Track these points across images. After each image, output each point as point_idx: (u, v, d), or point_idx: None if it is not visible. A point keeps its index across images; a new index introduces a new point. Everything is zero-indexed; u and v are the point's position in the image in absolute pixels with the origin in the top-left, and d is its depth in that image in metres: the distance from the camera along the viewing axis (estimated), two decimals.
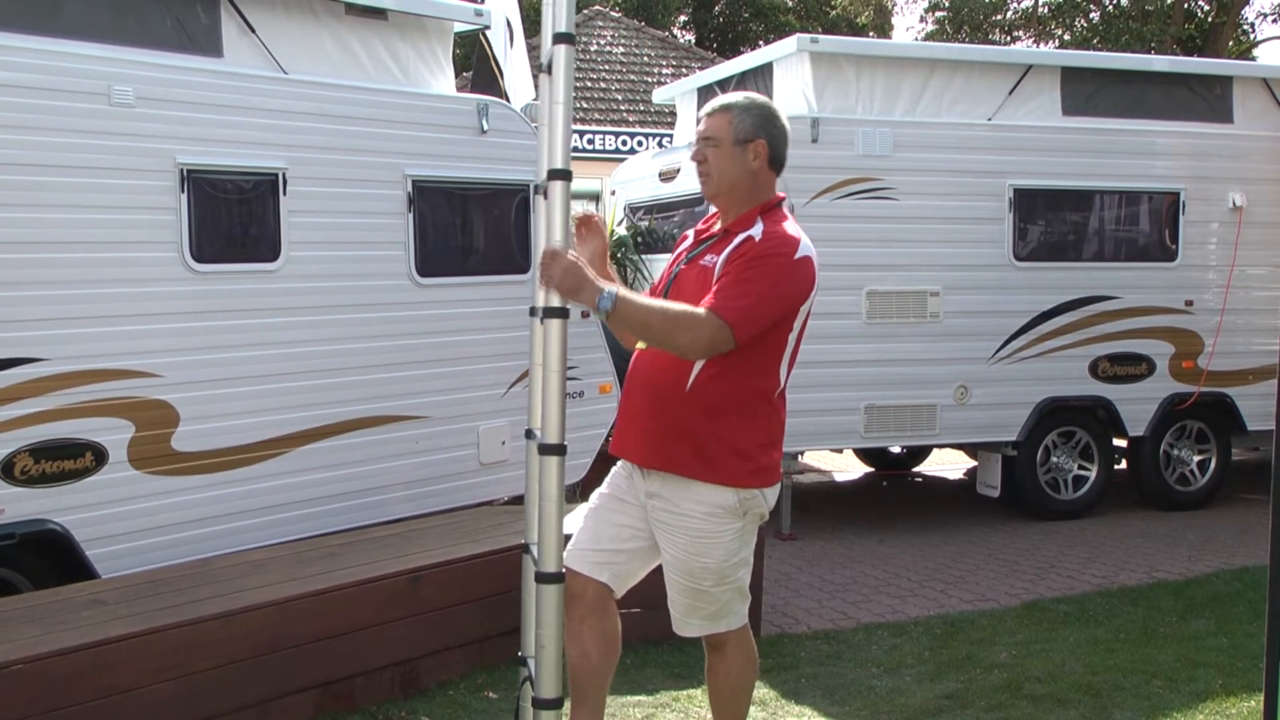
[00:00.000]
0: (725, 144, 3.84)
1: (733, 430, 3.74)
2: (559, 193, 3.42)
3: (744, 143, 3.83)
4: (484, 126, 7.76)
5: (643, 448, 3.85)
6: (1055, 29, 30.21)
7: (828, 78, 9.20)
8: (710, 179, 3.88)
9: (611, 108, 22.13)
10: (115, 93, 6.11)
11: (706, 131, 3.87)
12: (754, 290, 3.62)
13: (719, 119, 3.87)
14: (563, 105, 3.44)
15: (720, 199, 3.89)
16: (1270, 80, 10.44)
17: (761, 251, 3.69)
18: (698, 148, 3.89)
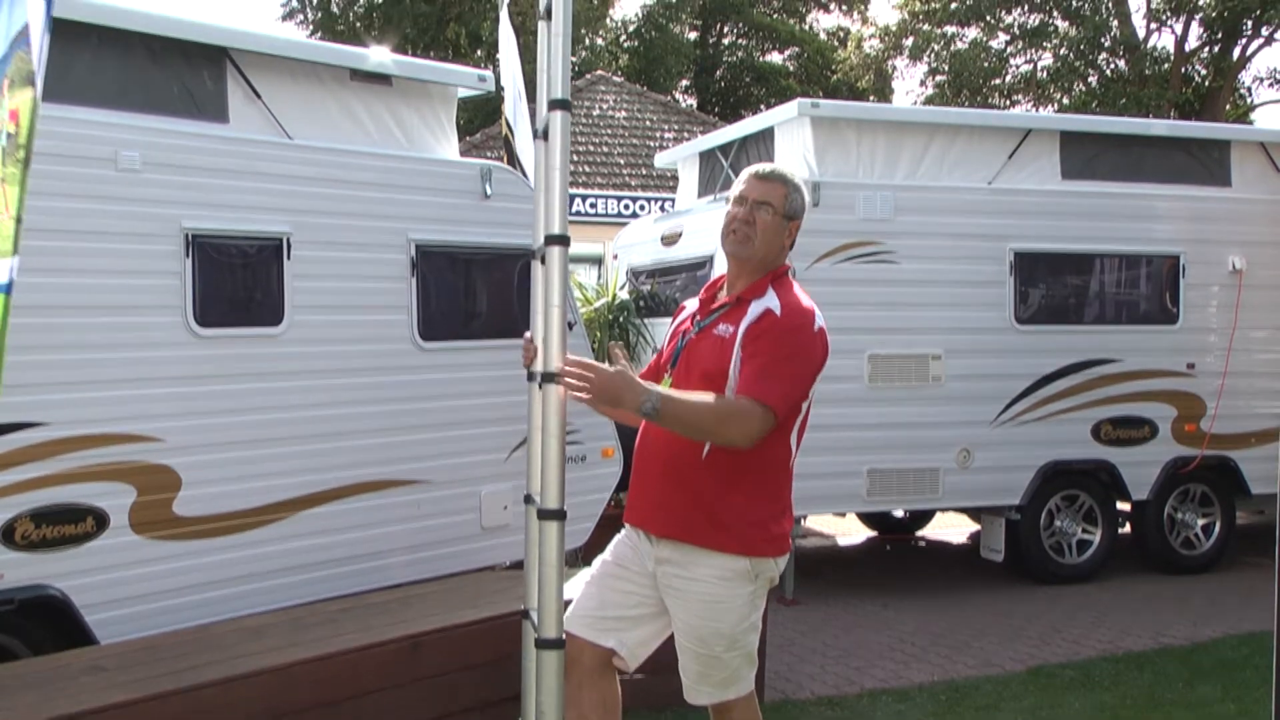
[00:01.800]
0: (776, 213, 3.89)
1: (748, 499, 3.76)
2: (556, 258, 3.44)
3: (789, 218, 3.90)
4: (487, 191, 7.81)
5: (659, 517, 3.85)
6: (1054, 93, 30.41)
7: (829, 142, 9.26)
8: (751, 243, 3.89)
9: (614, 172, 22.27)
10: (122, 158, 6.15)
11: (764, 196, 3.89)
12: (788, 371, 3.69)
13: (776, 187, 3.90)
14: (559, 171, 3.47)
15: (748, 264, 3.91)
16: (1268, 144, 10.51)
17: (786, 328, 3.73)
18: (748, 209, 3.89)
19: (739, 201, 3.93)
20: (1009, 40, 30.54)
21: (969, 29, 30.67)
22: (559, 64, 3.53)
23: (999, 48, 30.56)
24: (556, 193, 3.46)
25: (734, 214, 3.91)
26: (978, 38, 30.51)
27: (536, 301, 3.59)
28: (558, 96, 3.47)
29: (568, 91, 3.49)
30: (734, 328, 3.80)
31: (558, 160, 3.46)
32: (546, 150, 3.54)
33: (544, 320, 3.52)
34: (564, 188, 3.47)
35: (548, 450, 3.39)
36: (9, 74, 2.53)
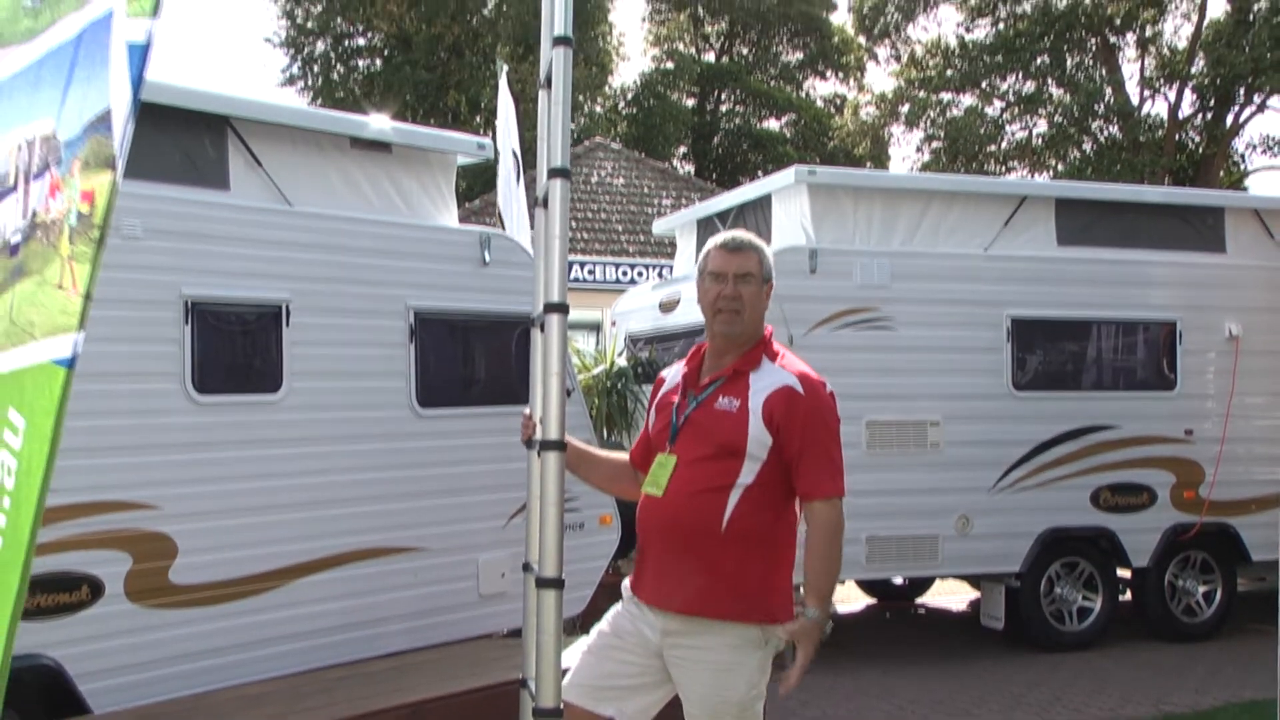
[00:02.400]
0: (758, 281, 3.92)
1: (766, 565, 3.78)
2: (556, 326, 3.46)
3: (766, 281, 3.94)
4: (486, 258, 7.84)
5: (677, 593, 3.83)
6: (1049, 159, 30.63)
7: (826, 209, 9.31)
8: (740, 316, 3.92)
9: (612, 238, 22.37)
10: (123, 225, 6.18)
11: (743, 268, 3.92)
12: (837, 452, 3.84)
13: (750, 257, 3.94)
14: (559, 239, 3.49)
15: (743, 336, 3.93)
16: (1262, 211, 10.57)
17: (817, 408, 3.84)
18: (731, 285, 3.91)
19: (717, 278, 3.94)
20: (1004, 107, 30.81)
21: (964, 96, 30.95)
22: (559, 132, 3.56)
23: (994, 114, 30.82)
24: (556, 260, 3.49)
25: (718, 291, 3.93)
26: (973, 104, 30.77)
27: (536, 369, 3.61)
28: (557, 165, 3.50)
29: (568, 160, 3.53)
30: (740, 400, 3.82)
31: (557, 228, 3.49)
32: (546, 218, 3.57)
33: (543, 388, 3.53)
34: (564, 255, 3.50)
35: (546, 518, 3.40)
36: (83, 155, 2.58)
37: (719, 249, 3.98)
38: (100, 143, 2.56)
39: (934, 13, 31.44)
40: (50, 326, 2.61)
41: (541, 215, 3.64)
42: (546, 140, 3.58)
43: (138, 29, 2.55)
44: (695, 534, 3.78)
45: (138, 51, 2.55)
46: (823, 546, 3.74)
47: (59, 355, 2.58)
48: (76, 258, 2.57)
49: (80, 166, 2.60)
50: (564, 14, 3.67)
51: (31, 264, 2.70)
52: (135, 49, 2.55)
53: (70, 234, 2.59)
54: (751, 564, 3.76)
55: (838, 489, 3.77)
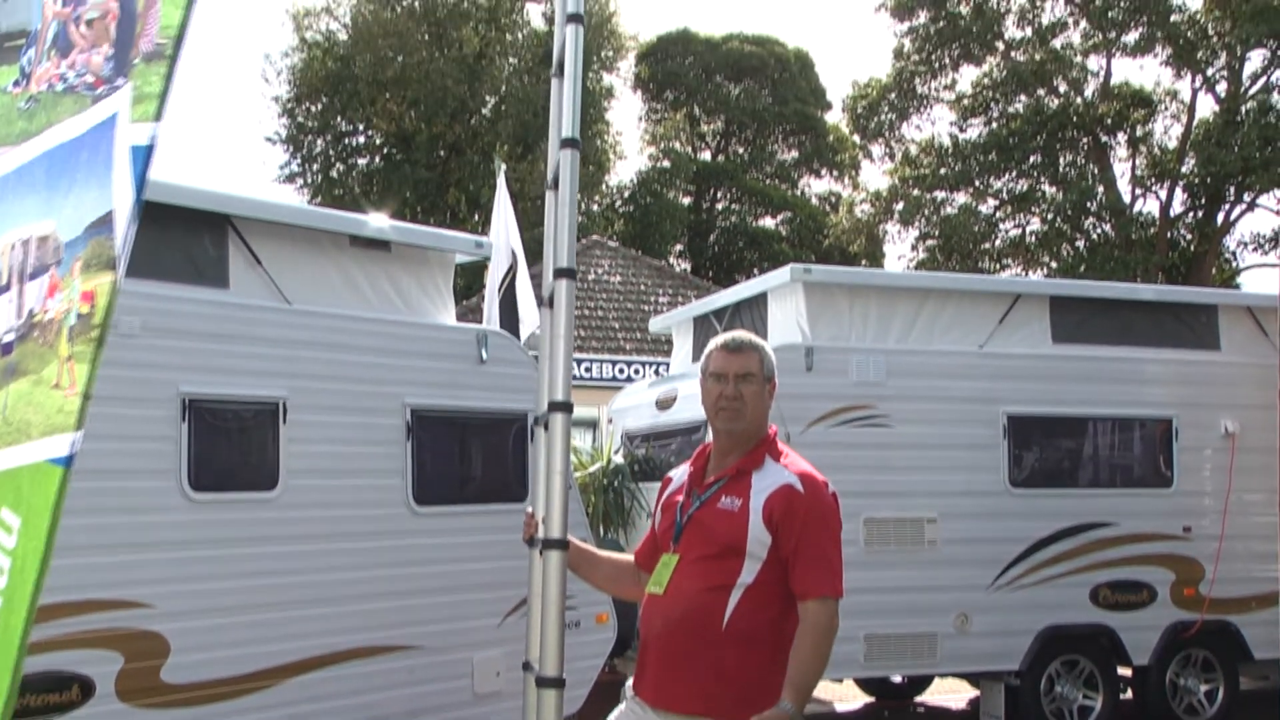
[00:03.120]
0: (759, 381, 3.93)
1: (767, 665, 3.75)
2: (560, 425, 3.46)
3: (768, 380, 3.94)
4: (483, 356, 7.87)
5: (679, 694, 3.79)
6: (1043, 257, 30.82)
7: (821, 307, 9.36)
8: (742, 416, 3.92)
9: (609, 336, 22.44)
10: (121, 323, 6.19)
11: (744, 368, 3.93)
12: (836, 551, 3.79)
13: (751, 357, 3.95)
14: (564, 339, 3.51)
15: (745, 435, 3.93)
16: (1255, 308, 10.62)
17: (816, 507, 3.81)
18: (732, 386, 3.92)
19: (719, 379, 3.95)
20: (998, 205, 31.05)
21: (958, 194, 31.21)
22: (565, 233, 3.60)
23: (988, 212, 31.06)
24: (561, 359, 3.51)
25: (719, 392, 3.94)
26: (967, 203, 31.03)
27: (538, 467, 3.60)
28: (564, 265, 3.53)
29: (573, 260, 3.56)
30: (742, 500, 3.81)
31: (562, 327, 3.51)
32: (552, 317, 3.59)
33: (545, 486, 3.52)
34: (568, 355, 3.52)
35: (548, 617, 3.38)
36: (84, 256, 2.62)
37: (720, 349, 4.00)
38: (102, 244, 2.59)
39: (927, 112, 31.76)
40: (47, 426, 2.62)
41: (547, 315, 3.66)
42: (553, 240, 3.61)
43: (141, 133, 2.59)
44: (696, 633, 3.76)
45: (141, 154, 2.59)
46: (810, 645, 3.68)
47: (56, 454, 2.60)
48: (75, 357, 2.59)
49: (81, 267, 2.63)
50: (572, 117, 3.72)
51: (27, 363, 2.71)
52: (139, 151, 2.59)
53: (69, 334, 2.61)
54: (752, 664, 3.73)
55: (834, 589, 3.73)
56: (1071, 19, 29.84)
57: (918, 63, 30.99)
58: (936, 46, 30.60)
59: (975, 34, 29.84)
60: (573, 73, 3.79)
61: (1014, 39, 30.34)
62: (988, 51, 30.46)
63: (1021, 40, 30.26)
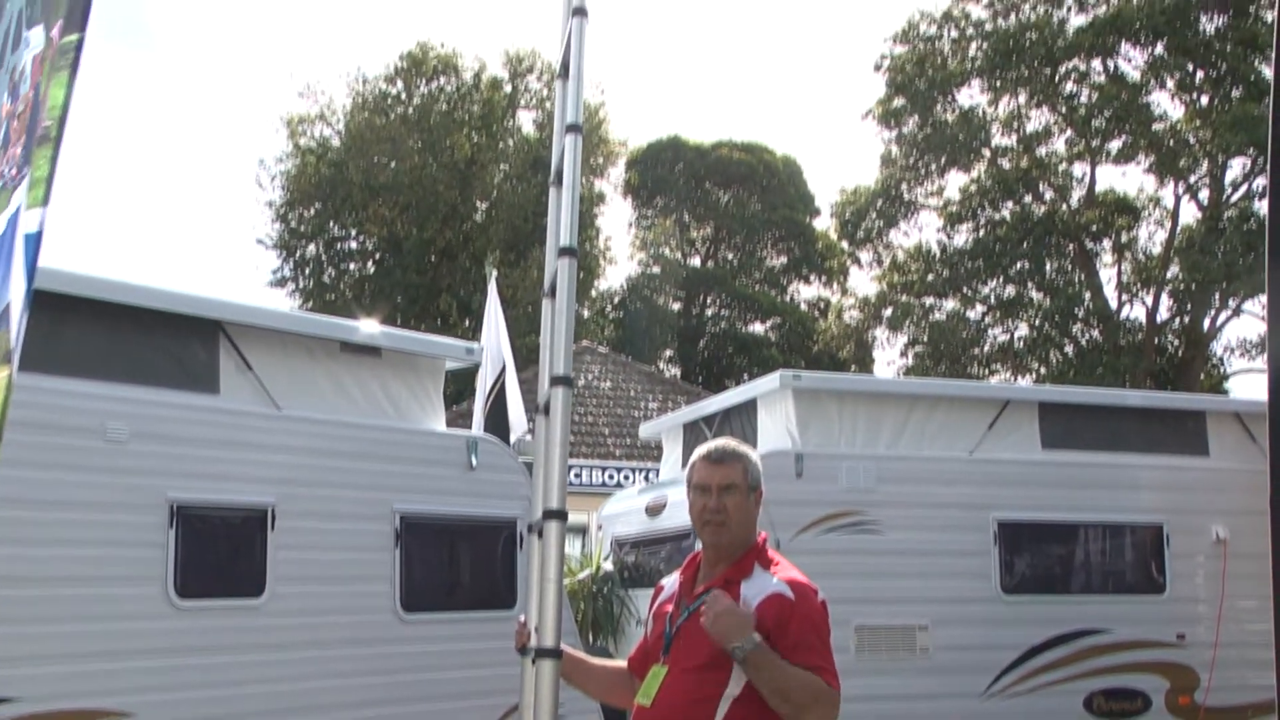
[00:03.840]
0: (743, 491, 3.89)
1: None
2: (554, 532, 3.45)
3: (754, 489, 3.91)
4: (473, 462, 7.85)
5: None
6: (1031, 362, 30.94)
7: (811, 413, 9.37)
8: (727, 528, 3.88)
9: (598, 442, 22.41)
10: (110, 429, 6.20)
11: (727, 479, 3.88)
12: (826, 657, 3.70)
13: (735, 468, 3.91)
14: (559, 446, 3.50)
15: (733, 545, 3.90)
16: (1243, 414, 10.65)
17: (809, 613, 3.74)
18: (715, 498, 3.89)
19: (702, 490, 3.92)
20: (986, 311, 31.24)
21: (946, 300, 31.41)
22: (561, 341, 3.61)
23: (976, 318, 31.24)
24: (556, 467, 3.50)
25: (703, 504, 3.90)
26: (955, 308, 31.22)
27: (531, 574, 3.58)
28: (560, 373, 3.53)
29: (570, 368, 3.56)
30: None
31: (558, 435, 3.51)
32: (547, 425, 3.59)
33: (539, 594, 3.50)
34: (564, 462, 3.51)
35: None
36: None
37: (703, 460, 3.97)
38: None
39: (915, 218, 32.10)
40: None
41: (543, 422, 3.66)
42: (549, 348, 3.62)
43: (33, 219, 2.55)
44: None
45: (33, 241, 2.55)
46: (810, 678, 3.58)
47: None
48: None
49: None
50: (569, 225, 3.75)
51: None
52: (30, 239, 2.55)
53: None
54: None
55: (836, 684, 3.66)
56: (1056, 127, 30.28)
57: (905, 169, 31.37)
58: (923, 153, 30.98)
59: (961, 141, 30.24)
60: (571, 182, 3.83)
61: (1000, 146, 30.76)
62: (974, 158, 30.85)
63: (1007, 148, 30.68)
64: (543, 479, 3.54)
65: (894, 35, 30.80)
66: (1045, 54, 28.63)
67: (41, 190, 2.54)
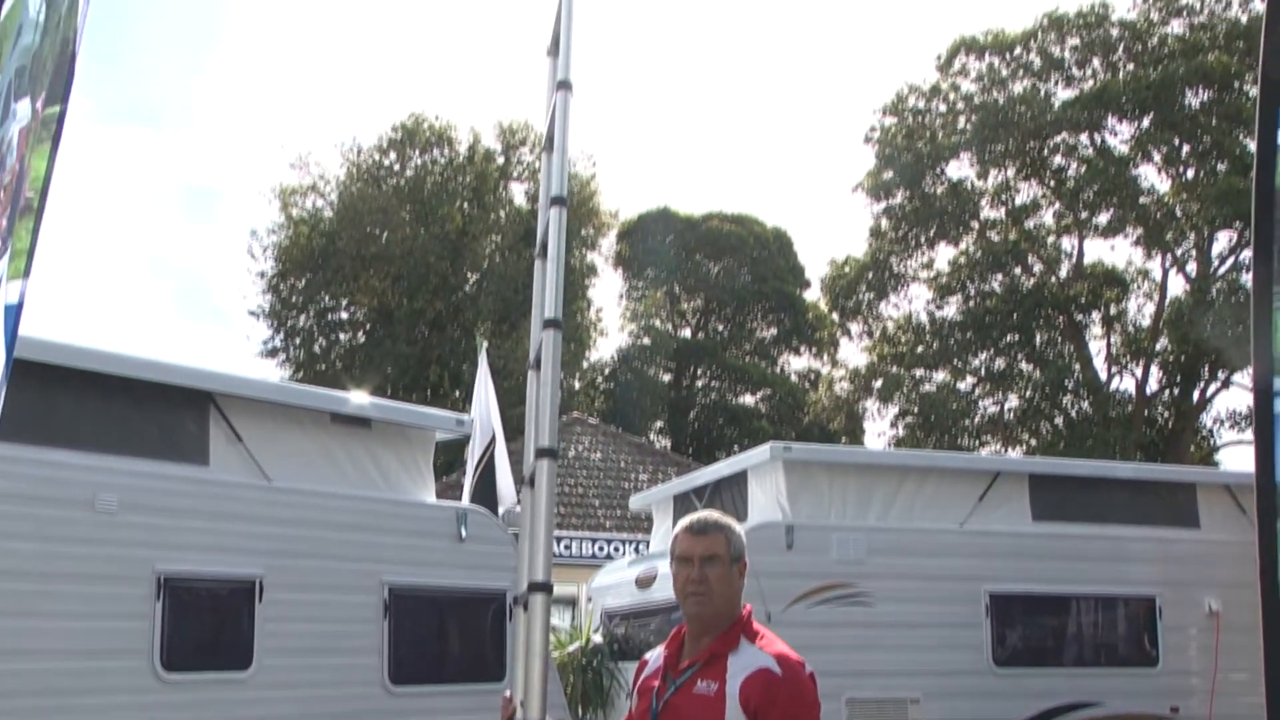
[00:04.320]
0: (725, 562, 3.85)
1: None
2: (539, 605, 3.43)
3: (737, 561, 3.87)
4: (462, 534, 7.84)
5: None
6: (1022, 434, 30.98)
7: (802, 484, 9.37)
8: (709, 599, 3.83)
9: (589, 513, 22.34)
10: (99, 500, 6.19)
11: (708, 550, 3.84)
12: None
13: (716, 539, 3.87)
14: (544, 518, 3.50)
15: (717, 618, 3.87)
16: (1233, 487, 10.65)
17: (795, 690, 3.69)
18: (697, 570, 3.86)
19: (684, 562, 3.88)
20: (976, 382, 31.33)
21: (937, 372, 31.50)
22: (547, 413, 3.61)
23: (966, 389, 31.31)
24: (541, 539, 3.49)
25: (685, 576, 3.86)
26: (946, 380, 31.30)
27: (517, 648, 3.55)
28: (545, 444, 3.54)
29: (555, 440, 3.56)
30: (717, 684, 3.73)
31: (543, 508, 3.50)
32: (533, 497, 3.59)
33: (524, 667, 3.47)
34: (549, 534, 3.50)
35: None
36: None
37: (684, 532, 3.94)
38: None
39: (905, 290, 32.27)
40: None
41: (528, 494, 3.66)
42: (534, 420, 3.62)
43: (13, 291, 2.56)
44: None
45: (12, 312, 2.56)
46: None
47: None
48: None
49: None
50: (554, 297, 3.77)
51: None
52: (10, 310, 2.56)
53: None
54: None
55: None
56: (1044, 200, 30.53)
57: (894, 241, 31.56)
58: (913, 226, 31.20)
59: (950, 214, 30.47)
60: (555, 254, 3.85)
61: (988, 219, 30.98)
62: (963, 231, 31.06)
63: (996, 220, 30.90)
64: (528, 551, 3.54)
65: (883, 108, 31.17)
66: (1033, 128, 28.92)
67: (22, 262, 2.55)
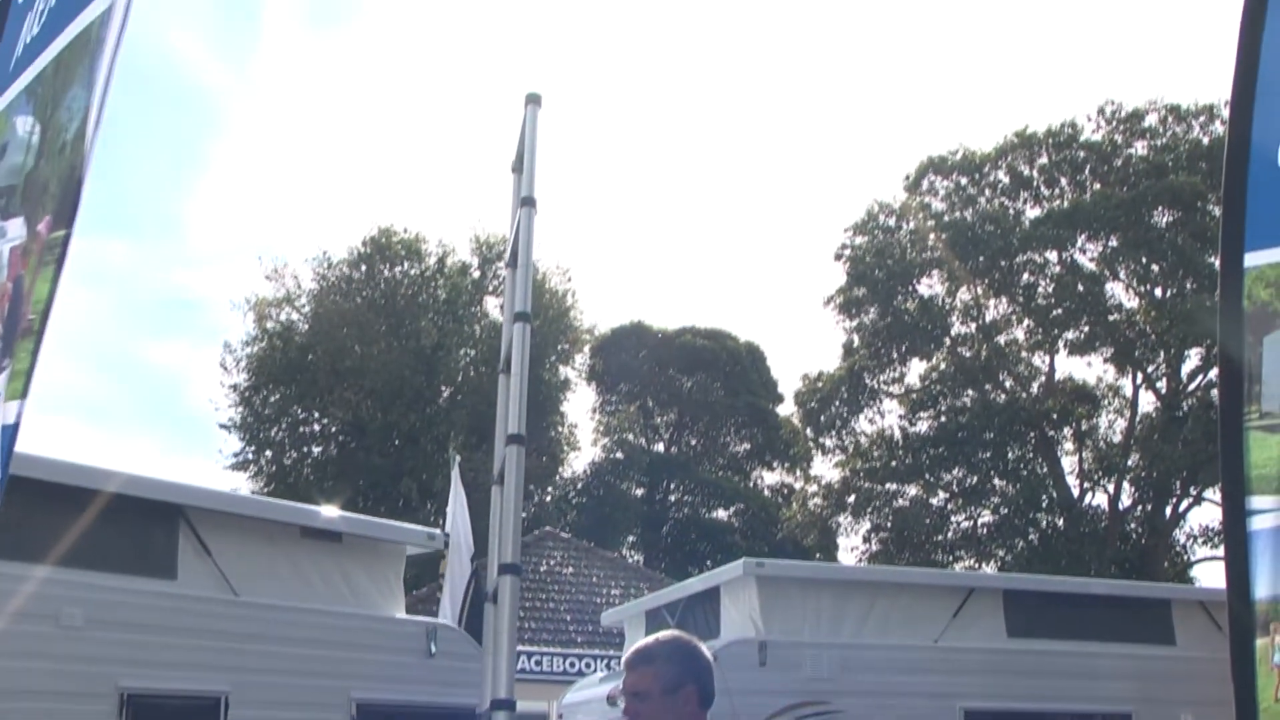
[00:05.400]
0: (655, 696, 3.73)
1: None
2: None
3: (673, 692, 3.73)
4: (432, 649, 7.75)
5: None
6: (995, 549, 30.93)
7: (774, 600, 9.31)
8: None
9: (560, 628, 22.14)
10: (64, 614, 6.10)
11: (634, 686, 3.71)
12: None
13: (644, 673, 3.72)
14: (506, 634, 3.48)
15: None
16: (1208, 604, 10.63)
17: None
18: (628, 704, 3.77)
19: (625, 696, 3.79)
20: (949, 498, 31.32)
21: (910, 487, 31.49)
22: (509, 528, 3.61)
23: (939, 505, 31.30)
24: (505, 656, 3.47)
25: (622, 709, 3.77)
26: (918, 495, 31.29)
27: None
28: (508, 561, 3.53)
29: (518, 556, 3.56)
30: None
31: (506, 624, 3.49)
32: (496, 613, 3.56)
33: None
34: (512, 650, 3.48)
35: None
36: None
37: (624, 662, 3.86)
38: None
39: (877, 405, 32.35)
40: None
41: (490, 610, 3.63)
42: (498, 535, 3.62)
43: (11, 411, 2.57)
44: None
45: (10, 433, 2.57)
46: None
47: None
48: None
49: None
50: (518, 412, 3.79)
51: None
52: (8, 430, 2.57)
53: None
54: None
55: None
56: (1015, 317, 30.81)
57: (866, 357, 31.72)
58: (885, 341, 31.39)
59: (922, 329, 30.70)
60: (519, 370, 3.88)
61: (960, 334, 31.22)
62: (935, 346, 31.28)
63: (967, 336, 31.14)
64: (491, 668, 3.50)
65: (854, 226, 31.50)
66: (1002, 245, 29.27)
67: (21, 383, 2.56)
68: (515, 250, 4.19)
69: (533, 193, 4.07)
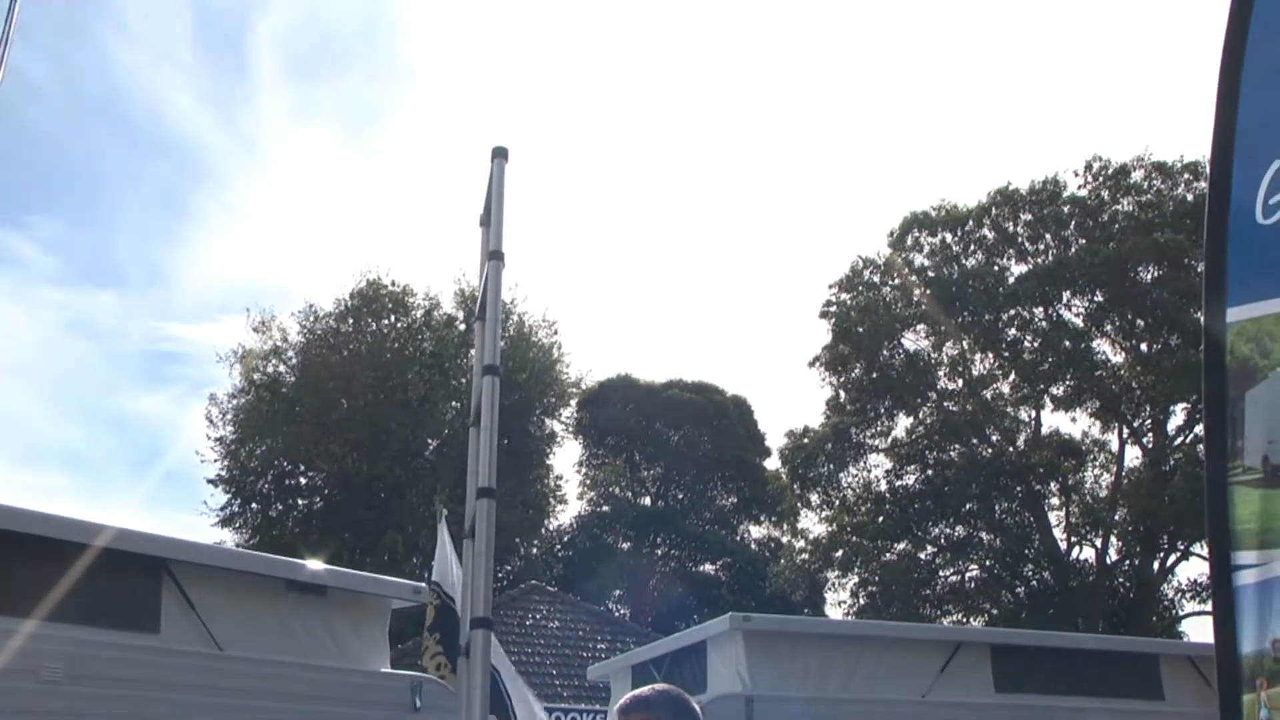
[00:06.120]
0: None
1: None
2: None
3: None
4: (417, 703, 7.70)
5: None
6: (983, 603, 30.84)
7: (761, 655, 9.27)
8: None
9: (546, 683, 21.97)
10: (45, 669, 6.05)
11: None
12: None
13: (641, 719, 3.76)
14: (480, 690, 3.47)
15: None
16: (1195, 658, 10.61)
17: None
18: None
19: None
20: (936, 552, 31.26)
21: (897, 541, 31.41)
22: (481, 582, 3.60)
23: (927, 559, 31.23)
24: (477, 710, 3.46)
25: None
26: (906, 549, 31.22)
27: None
28: (480, 614, 3.52)
29: (489, 610, 3.54)
30: None
31: (479, 678, 3.48)
32: (469, 668, 3.56)
33: None
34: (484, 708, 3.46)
35: None
36: None
37: (620, 709, 3.85)
38: None
39: (863, 460, 32.32)
40: None
41: (463, 665, 3.63)
42: (470, 589, 3.61)
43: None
44: None
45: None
46: None
47: None
48: None
49: None
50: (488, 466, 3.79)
51: None
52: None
53: None
54: None
55: None
56: (1000, 371, 30.86)
57: (852, 414, 31.70)
58: (871, 397, 31.39)
59: (908, 385, 30.73)
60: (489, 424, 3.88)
61: (945, 389, 31.25)
62: (921, 402, 31.30)
63: (953, 391, 31.18)
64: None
65: (838, 282, 31.57)
66: (987, 301, 29.38)
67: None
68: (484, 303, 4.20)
69: (500, 246, 4.08)
